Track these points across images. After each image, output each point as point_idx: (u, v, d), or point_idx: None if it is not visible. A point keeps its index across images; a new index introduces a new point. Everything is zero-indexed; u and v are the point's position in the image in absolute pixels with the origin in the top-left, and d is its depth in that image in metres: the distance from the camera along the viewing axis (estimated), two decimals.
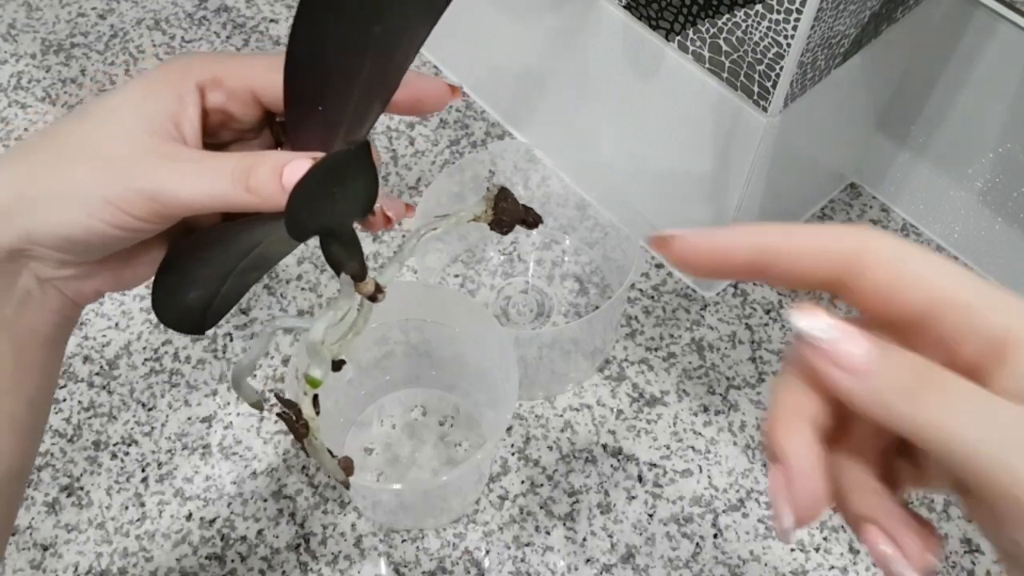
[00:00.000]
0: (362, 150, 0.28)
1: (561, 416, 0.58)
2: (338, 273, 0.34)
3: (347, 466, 0.40)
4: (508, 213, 0.38)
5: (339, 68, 0.30)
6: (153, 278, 0.34)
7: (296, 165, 0.29)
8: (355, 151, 0.28)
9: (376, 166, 0.31)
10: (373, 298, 0.35)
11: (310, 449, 0.37)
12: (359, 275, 0.34)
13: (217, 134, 0.34)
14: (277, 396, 0.37)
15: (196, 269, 0.34)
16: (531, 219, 0.39)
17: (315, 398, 0.36)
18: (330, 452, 0.38)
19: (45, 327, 0.33)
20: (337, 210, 0.30)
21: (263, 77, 0.32)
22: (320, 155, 0.29)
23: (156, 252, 0.34)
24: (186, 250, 0.34)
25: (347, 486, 0.41)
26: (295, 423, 0.36)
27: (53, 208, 0.30)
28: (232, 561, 0.53)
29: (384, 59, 0.30)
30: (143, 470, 0.56)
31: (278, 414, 0.36)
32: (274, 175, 0.29)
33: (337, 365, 0.36)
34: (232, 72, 0.32)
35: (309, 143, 0.31)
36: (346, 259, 0.33)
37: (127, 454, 0.57)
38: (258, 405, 0.39)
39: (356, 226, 0.33)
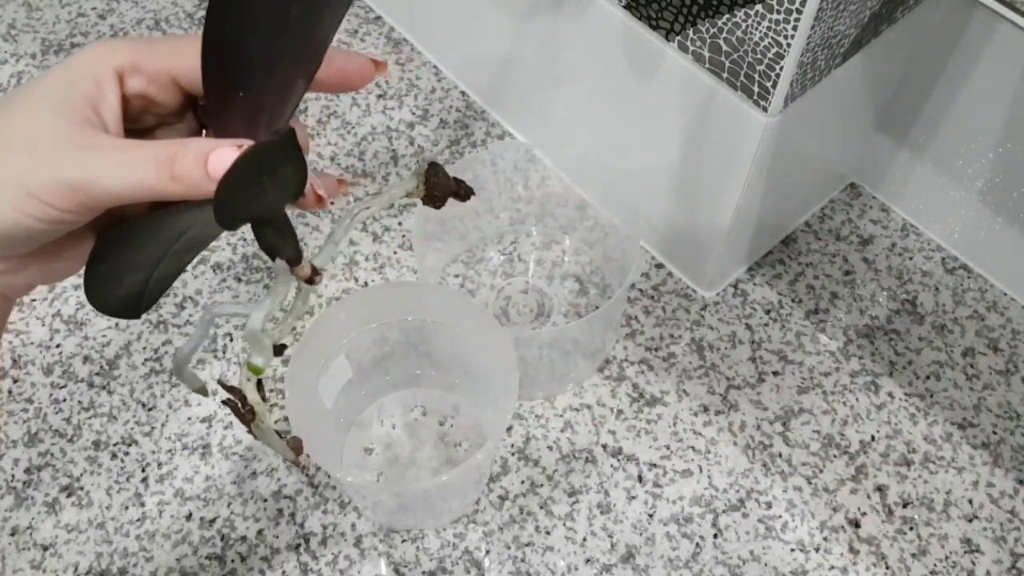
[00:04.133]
0: (288, 139, 0.28)
1: (561, 416, 0.58)
2: (273, 259, 0.34)
3: (296, 446, 0.40)
4: (440, 188, 0.38)
5: (258, 53, 0.30)
6: (84, 268, 0.34)
7: (221, 152, 0.29)
8: (280, 140, 0.28)
9: (304, 148, 0.30)
10: (310, 281, 0.35)
11: (258, 433, 0.37)
12: (294, 260, 0.34)
13: (139, 119, 0.34)
14: (221, 384, 0.37)
15: (128, 256, 0.34)
16: (463, 192, 0.39)
17: (259, 383, 0.36)
18: (279, 434, 0.38)
19: None
20: (267, 198, 0.30)
21: (182, 61, 0.32)
22: (245, 142, 0.29)
23: (86, 243, 0.33)
24: (116, 239, 0.34)
25: (298, 464, 0.41)
26: (240, 409, 0.36)
27: None
28: (232, 561, 0.53)
29: (304, 39, 0.30)
30: (143, 470, 0.56)
31: (223, 402, 0.36)
32: (199, 162, 0.29)
33: (278, 350, 0.36)
34: (150, 57, 0.32)
35: (233, 130, 0.31)
36: (280, 244, 0.33)
37: (127, 454, 0.57)
38: (202, 391, 0.39)
39: (289, 209, 0.32)
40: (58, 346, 0.61)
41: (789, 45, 0.45)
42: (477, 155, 0.60)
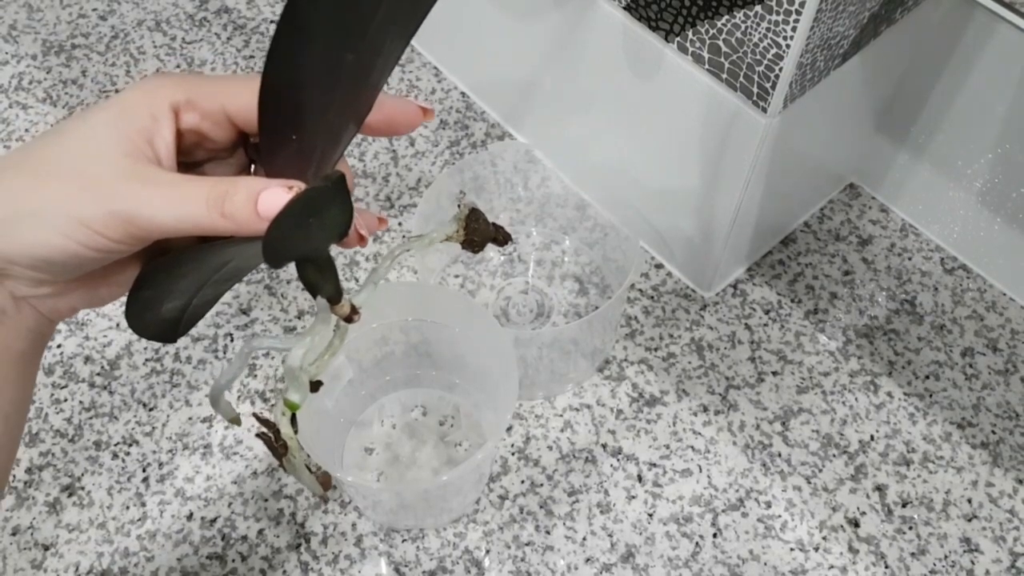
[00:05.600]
0: (338, 184, 0.28)
1: (561, 416, 0.58)
2: (314, 296, 0.34)
3: (325, 481, 0.40)
4: (479, 233, 0.39)
5: (313, 99, 0.30)
6: (128, 293, 0.35)
7: (271, 193, 0.30)
8: (332, 186, 0.28)
9: (350, 190, 0.31)
10: (349, 319, 0.36)
11: (289, 467, 0.38)
12: (335, 298, 0.34)
13: (191, 154, 0.34)
14: (256, 417, 0.37)
15: (171, 284, 0.35)
16: (501, 237, 0.40)
17: (293, 417, 0.36)
18: (308, 468, 0.39)
19: (20, 343, 0.33)
20: (312, 238, 0.30)
21: (237, 100, 0.32)
22: (295, 183, 0.30)
23: (131, 270, 0.34)
24: (161, 268, 0.34)
25: (325, 500, 0.41)
26: (274, 443, 0.37)
27: (29, 229, 0.30)
28: (233, 561, 0.53)
29: (357, 86, 0.31)
30: (144, 470, 0.56)
31: (257, 435, 0.36)
32: (249, 201, 0.30)
33: (315, 386, 0.36)
34: (206, 94, 0.32)
35: (283, 170, 0.32)
36: (322, 283, 0.34)
37: (128, 454, 0.57)
38: (236, 421, 0.39)
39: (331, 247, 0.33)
40: (59, 346, 0.61)
41: (788, 46, 0.45)
42: (477, 156, 0.61)
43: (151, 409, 0.59)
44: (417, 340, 0.57)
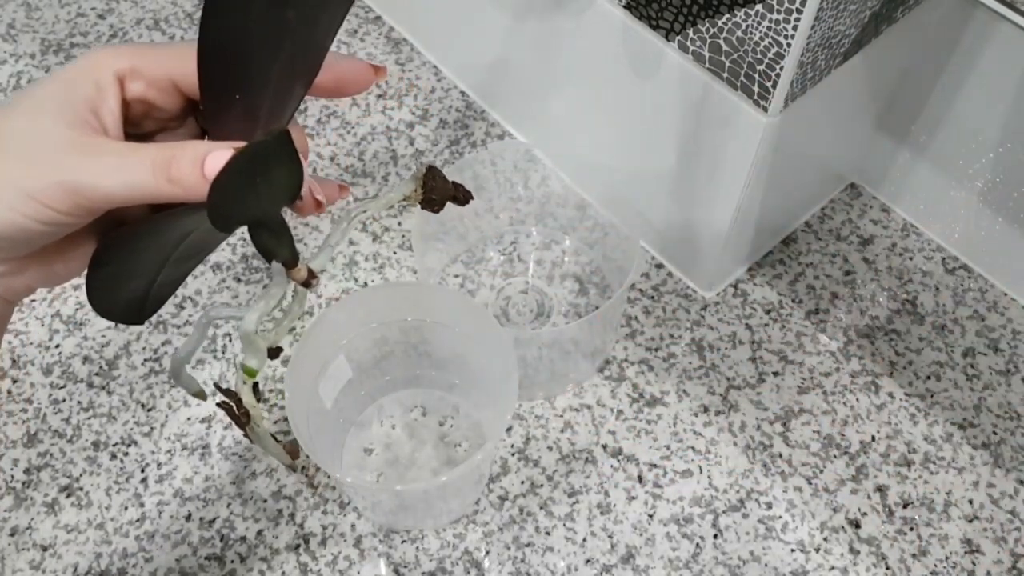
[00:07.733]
0: (282, 138, 0.28)
1: (561, 416, 0.58)
2: (269, 261, 0.34)
3: (292, 450, 0.40)
4: (437, 191, 0.38)
5: (254, 57, 0.30)
6: (86, 272, 0.34)
7: (218, 155, 0.29)
8: (274, 140, 0.28)
9: (302, 152, 0.30)
10: (307, 284, 0.35)
11: (253, 436, 0.37)
12: (290, 262, 0.34)
13: (140, 124, 0.34)
14: (217, 387, 0.37)
15: (130, 260, 0.34)
16: (461, 195, 0.39)
17: (255, 386, 0.36)
18: (274, 437, 0.38)
19: None
20: (261, 200, 0.30)
21: (183, 66, 0.32)
22: (242, 144, 0.29)
23: (87, 245, 0.33)
24: (117, 242, 0.34)
25: (295, 469, 0.40)
26: (236, 412, 0.36)
27: None
28: (232, 562, 0.53)
29: (302, 44, 0.30)
30: (143, 470, 0.56)
31: (218, 404, 0.36)
32: (195, 165, 0.29)
33: (274, 352, 0.36)
34: (150, 61, 0.32)
35: (230, 133, 0.31)
36: (276, 247, 0.33)
37: (127, 454, 0.57)
38: (200, 394, 0.39)
39: (287, 212, 0.32)
40: (57, 346, 0.61)
41: (789, 45, 0.45)
42: (477, 155, 0.60)
43: (150, 409, 0.58)
44: (417, 340, 0.57)
